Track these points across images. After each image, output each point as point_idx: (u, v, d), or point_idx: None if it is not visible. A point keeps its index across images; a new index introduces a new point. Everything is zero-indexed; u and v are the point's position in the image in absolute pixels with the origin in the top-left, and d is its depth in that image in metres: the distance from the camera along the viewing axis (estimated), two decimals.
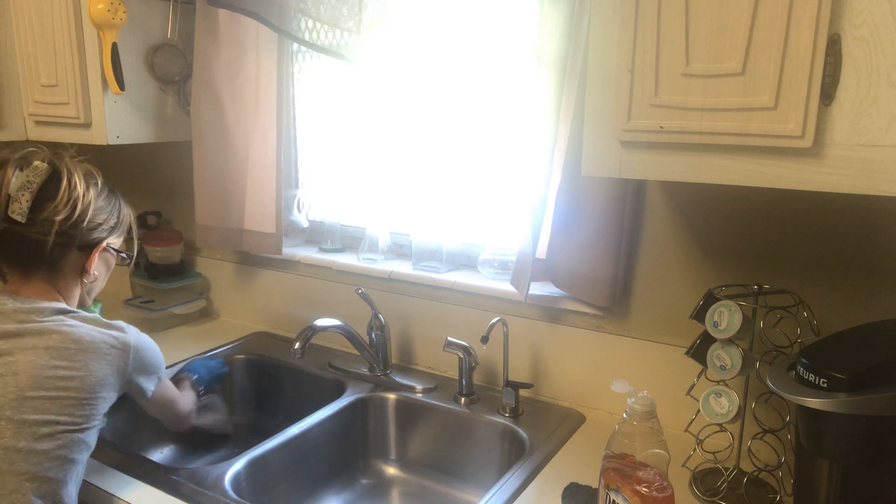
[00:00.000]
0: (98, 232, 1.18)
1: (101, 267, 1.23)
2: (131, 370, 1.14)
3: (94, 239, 1.17)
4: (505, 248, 1.55)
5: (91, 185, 1.16)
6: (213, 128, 1.74)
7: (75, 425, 1.06)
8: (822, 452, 0.95)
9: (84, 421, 1.07)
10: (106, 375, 1.10)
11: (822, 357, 0.93)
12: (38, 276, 1.14)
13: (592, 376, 1.43)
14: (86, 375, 1.07)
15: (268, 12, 1.55)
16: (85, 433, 1.08)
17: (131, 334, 1.15)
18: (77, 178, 1.13)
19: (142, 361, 1.16)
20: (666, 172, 0.93)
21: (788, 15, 0.80)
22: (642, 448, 0.91)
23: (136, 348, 1.15)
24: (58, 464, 1.04)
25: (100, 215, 1.17)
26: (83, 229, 1.14)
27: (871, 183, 0.79)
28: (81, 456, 1.08)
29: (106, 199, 1.20)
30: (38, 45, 1.66)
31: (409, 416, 1.51)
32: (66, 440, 1.05)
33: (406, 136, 1.67)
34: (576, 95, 1.26)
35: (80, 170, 1.15)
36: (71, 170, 1.14)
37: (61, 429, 1.04)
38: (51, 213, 1.10)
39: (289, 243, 1.86)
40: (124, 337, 1.14)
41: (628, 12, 0.90)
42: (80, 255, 1.17)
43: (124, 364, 1.13)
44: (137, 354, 1.15)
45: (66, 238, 1.13)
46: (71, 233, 1.13)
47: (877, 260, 1.14)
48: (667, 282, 1.33)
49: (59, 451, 1.04)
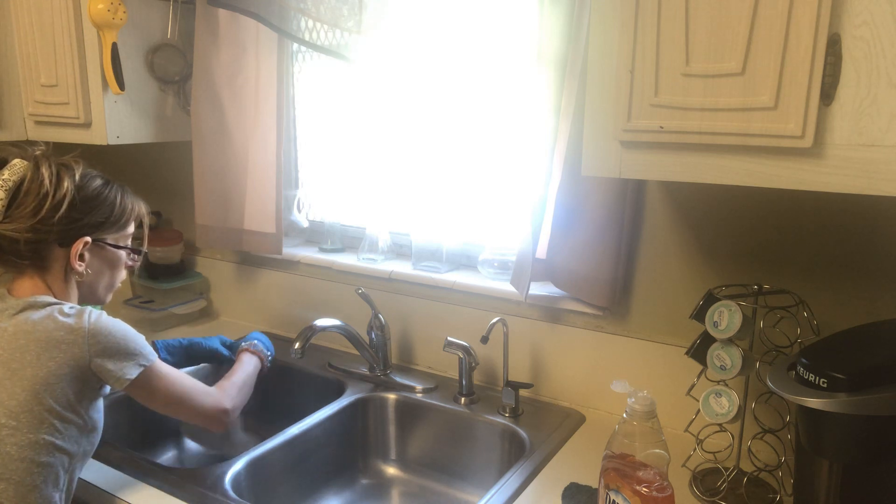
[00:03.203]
0: (78, 227, 1.13)
1: (97, 263, 1.18)
2: (90, 356, 1.06)
3: (73, 235, 1.13)
4: (505, 248, 1.55)
5: (66, 180, 1.11)
6: (213, 128, 1.74)
7: (38, 427, 1.01)
8: (822, 452, 0.95)
9: (47, 424, 1.02)
10: (59, 366, 1.03)
11: (822, 357, 0.93)
12: (28, 273, 1.13)
13: (592, 376, 1.43)
14: (36, 369, 1.03)
15: (268, 12, 1.55)
16: (55, 437, 1.03)
17: (85, 319, 1.07)
18: (49, 173, 1.10)
19: (104, 345, 1.07)
20: (666, 172, 0.93)
21: (788, 15, 0.80)
22: (642, 448, 0.91)
23: (91, 332, 1.06)
24: (24, 466, 1.00)
25: (79, 210, 1.13)
26: (58, 225, 1.11)
27: (871, 183, 0.79)
28: (55, 459, 1.03)
29: (93, 193, 1.15)
30: (38, 45, 1.65)
31: (409, 416, 1.51)
32: (28, 441, 1.01)
33: (406, 136, 1.66)
34: (576, 95, 1.26)
35: (54, 165, 1.12)
36: (41, 166, 1.10)
37: (24, 430, 1.00)
38: (23, 210, 1.08)
39: (289, 243, 1.86)
40: (77, 323, 1.06)
41: (628, 12, 0.90)
42: (63, 251, 1.13)
43: (80, 351, 1.05)
44: (95, 339, 1.06)
45: (42, 234, 1.10)
46: (44, 229, 1.10)
47: (877, 260, 1.14)
48: (667, 282, 1.33)
49: (23, 453, 1.00)
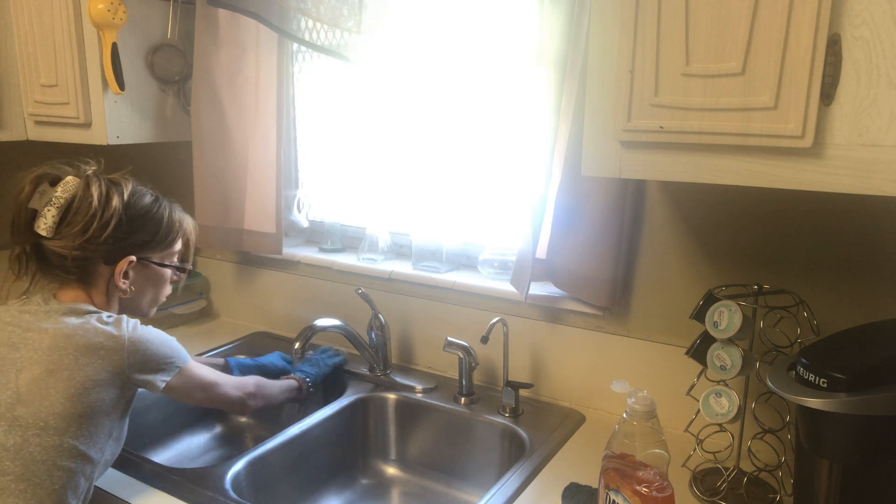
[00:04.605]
0: (124, 246, 1.15)
1: (141, 280, 1.20)
2: (130, 365, 1.09)
3: (118, 253, 1.15)
4: (505, 248, 1.55)
5: (115, 199, 1.13)
6: (213, 128, 1.74)
7: (65, 431, 1.02)
8: (822, 452, 0.95)
9: (76, 427, 1.03)
10: (97, 372, 1.05)
11: (822, 357, 0.93)
12: (73, 285, 1.15)
13: (592, 376, 1.43)
14: (73, 372, 1.04)
15: (268, 12, 1.55)
16: (80, 441, 1.04)
17: (125, 330, 1.10)
18: (98, 193, 1.12)
19: (143, 354, 1.10)
20: (666, 172, 0.93)
21: (788, 15, 0.80)
22: (642, 448, 0.91)
23: (131, 342, 1.09)
24: (45, 469, 1.01)
25: (125, 230, 1.14)
26: (104, 244, 1.12)
27: (871, 183, 0.79)
28: (77, 466, 1.04)
29: (140, 212, 1.17)
30: (38, 45, 1.66)
31: (409, 416, 1.51)
32: (53, 443, 1.01)
33: (406, 136, 1.66)
34: (576, 95, 1.26)
35: (104, 185, 1.13)
36: (91, 185, 1.12)
37: (51, 432, 1.01)
38: (72, 228, 1.10)
39: (289, 243, 1.86)
40: (117, 331, 1.09)
41: (628, 12, 0.90)
42: (108, 268, 1.15)
43: (119, 360, 1.07)
44: (135, 348, 1.09)
45: (88, 252, 1.12)
46: (91, 247, 1.11)
47: (877, 260, 1.14)
48: (667, 282, 1.33)
49: (46, 456, 1.01)
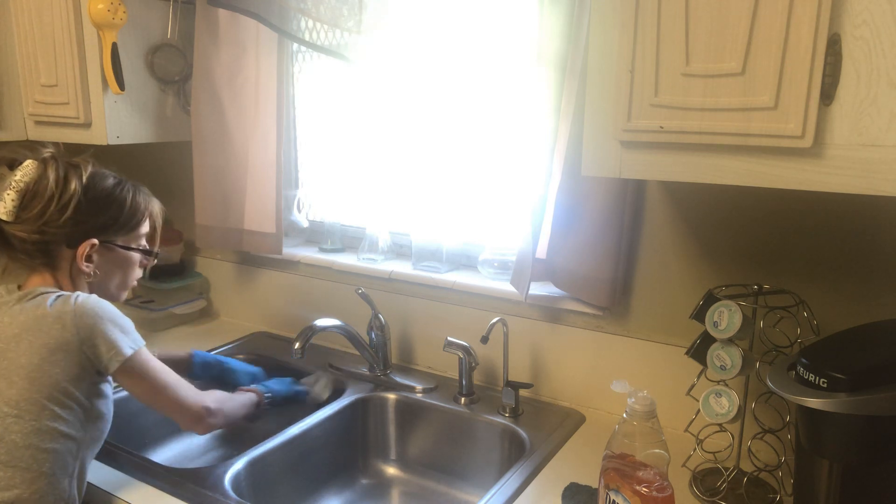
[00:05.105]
0: (85, 229, 1.14)
1: (107, 264, 1.19)
2: (79, 337, 1.06)
3: (80, 236, 1.14)
4: (505, 248, 1.55)
5: (74, 181, 1.12)
6: (213, 128, 1.74)
7: (39, 413, 1.03)
8: (822, 452, 0.95)
9: (48, 409, 1.03)
10: (51, 352, 1.04)
11: (822, 357, 0.93)
12: (39, 271, 1.14)
13: (592, 376, 1.43)
14: (30, 357, 1.04)
15: (268, 12, 1.55)
16: (58, 423, 1.04)
17: (71, 301, 1.08)
18: (55, 175, 1.11)
19: (91, 324, 1.07)
20: (666, 172, 0.93)
21: (788, 15, 0.80)
22: (642, 448, 0.91)
23: (77, 313, 1.06)
24: (30, 453, 1.02)
25: (85, 212, 1.13)
26: (64, 227, 1.12)
27: (871, 183, 0.79)
28: (61, 446, 1.05)
29: (101, 195, 1.16)
30: (38, 45, 1.65)
31: (409, 416, 1.51)
32: (32, 428, 1.02)
33: (406, 136, 1.66)
34: (576, 95, 1.26)
35: (62, 167, 1.12)
36: (49, 167, 1.11)
37: (26, 417, 1.02)
38: (30, 211, 1.10)
39: (289, 243, 1.86)
40: (63, 305, 1.07)
41: (628, 12, 0.90)
42: (71, 252, 1.14)
43: (68, 333, 1.05)
44: (81, 320, 1.06)
45: (49, 235, 1.11)
46: (51, 231, 1.11)
47: (877, 259, 1.14)
48: (667, 282, 1.33)
49: (28, 441, 1.02)
